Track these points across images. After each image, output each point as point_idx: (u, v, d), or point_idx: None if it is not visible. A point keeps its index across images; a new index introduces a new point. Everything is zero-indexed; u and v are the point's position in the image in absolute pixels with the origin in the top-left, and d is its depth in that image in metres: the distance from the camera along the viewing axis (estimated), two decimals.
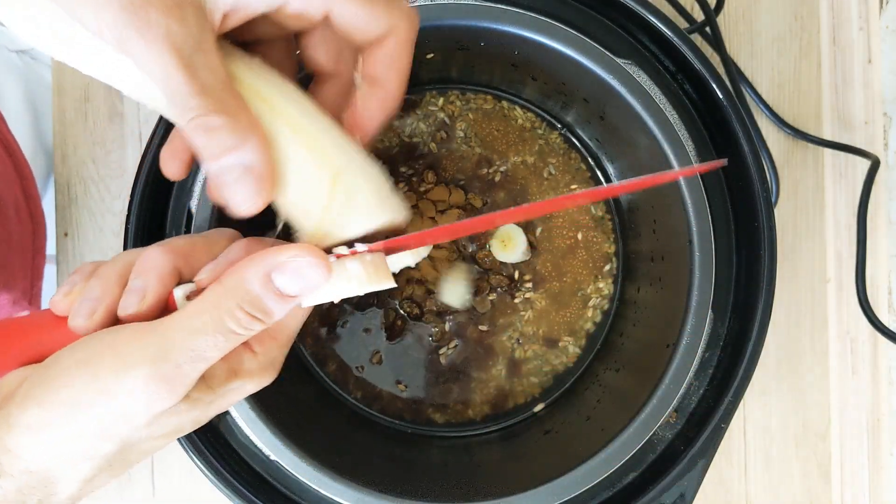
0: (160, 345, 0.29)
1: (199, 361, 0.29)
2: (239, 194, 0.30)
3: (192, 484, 0.59)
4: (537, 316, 0.58)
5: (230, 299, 0.29)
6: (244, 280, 0.29)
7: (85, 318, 0.31)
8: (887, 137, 0.62)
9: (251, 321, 0.30)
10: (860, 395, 0.60)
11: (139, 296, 0.31)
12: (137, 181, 0.44)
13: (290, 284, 0.30)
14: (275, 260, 0.30)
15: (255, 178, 0.30)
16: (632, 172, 0.54)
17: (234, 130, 0.29)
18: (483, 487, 0.47)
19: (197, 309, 0.29)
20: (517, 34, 0.46)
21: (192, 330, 0.29)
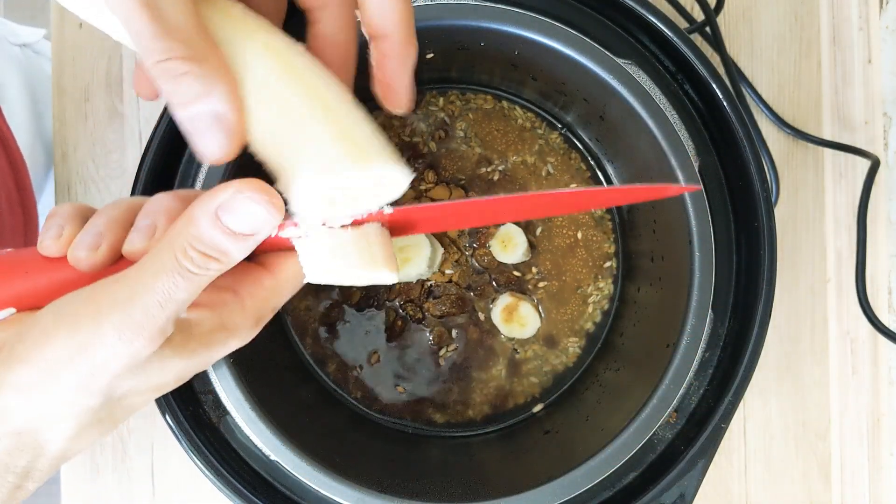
0: (126, 290, 0.28)
1: (167, 304, 0.28)
2: (208, 143, 0.29)
3: (192, 484, 0.59)
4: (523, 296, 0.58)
5: (181, 238, 0.29)
6: (193, 218, 0.29)
7: (88, 249, 0.31)
8: (887, 137, 0.62)
9: (206, 260, 0.29)
10: (860, 395, 0.60)
11: (149, 233, 0.31)
12: (137, 181, 0.44)
13: (239, 222, 0.29)
14: (218, 198, 0.29)
15: (224, 126, 0.29)
16: (631, 172, 0.54)
17: (202, 77, 0.28)
18: (483, 487, 0.47)
19: (155, 251, 0.29)
20: (517, 34, 0.46)
21: (153, 271, 0.28)
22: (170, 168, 0.46)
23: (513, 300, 0.57)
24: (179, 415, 0.44)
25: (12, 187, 0.58)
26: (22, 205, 0.60)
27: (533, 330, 0.57)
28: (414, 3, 0.45)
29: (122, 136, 0.60)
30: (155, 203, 0.32)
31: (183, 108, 0.29)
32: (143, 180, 0.44)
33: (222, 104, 0.29)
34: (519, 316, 0.57)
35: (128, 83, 0.60)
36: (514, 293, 0.57)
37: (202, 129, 0.29)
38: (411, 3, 0.32)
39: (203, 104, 0.28)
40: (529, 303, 0.57)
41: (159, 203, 0.32)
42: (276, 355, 0.56)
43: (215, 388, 0.45)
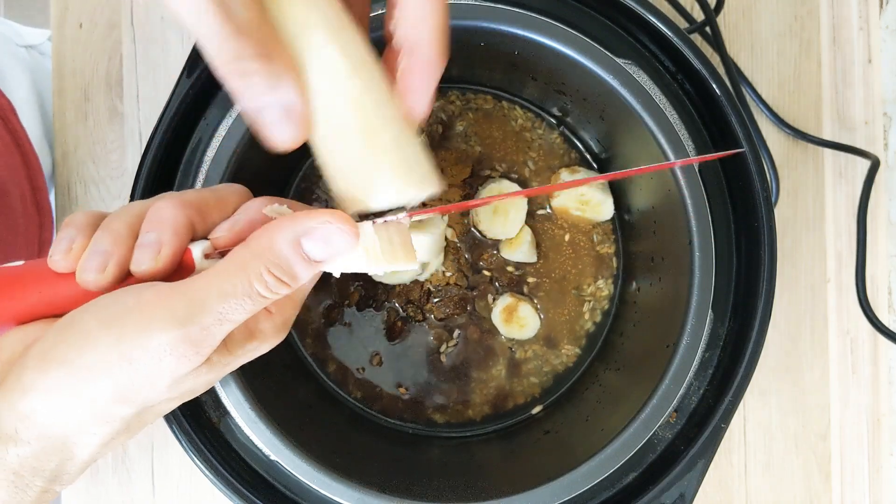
0: (188, 306, 0.28)
1: (225, 323, 0.29)
2: (278, 133, 0.30)
3: (192, 484, 0.59)
4: (523, 298, 0.58)
5: (259, 262, 0.29)
6: (274, 243, 0.29)
7: (95, 272, 0.30)
8: (887, 137, 0.62)
9: (278, 285, 0.30)
10: (860, 395, 0.60)
11: (154, 250, 0.31)
12: (137, 181, 0.44)
13: (319, 250, 0.30)
14: (305, 224, 0.29)
15: (292, 116, 0.29)
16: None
17: (271, 74, 0.28)
18: (483, 487, 0.47)
19: (225, 270, 0.29)
20: (517, 34, 0.46)
21: (222, 292, 0.29)
22: (170, 168, 0.46)
23: (513, 301, 0.57)
24: (179, 415, 0.44)
25: (27, 187, 0.58)
26: (37, 205, 0.60)
27: (532, 331, 0.57)
28: None
29: (122, 136, 0.60)
30: (158, 213, 0.31)
31: (252, 102, 0.29)
32: (143, 180, 0.44)
33: (290, 95, 0.29)
34: (518, 317, 0.57)
35: (128, 83, 0.60)
36: (514, 294, 0.57)
37: (271, 120, 0.30)
38: (448, 14, 0.32)
39: (272, 97, 0.29)
40: (529, 304, 0.57)
41: (162, 213, 0.31)
42: (276, 355, 0.55)
43: (215, 388, 0.45)
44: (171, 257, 0.31)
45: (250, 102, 0.29)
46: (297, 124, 0.30)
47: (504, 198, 0.55)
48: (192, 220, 0.31)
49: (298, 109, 0.30)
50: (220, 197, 0.33)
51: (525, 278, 0.58)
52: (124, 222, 0.32)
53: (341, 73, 0.30)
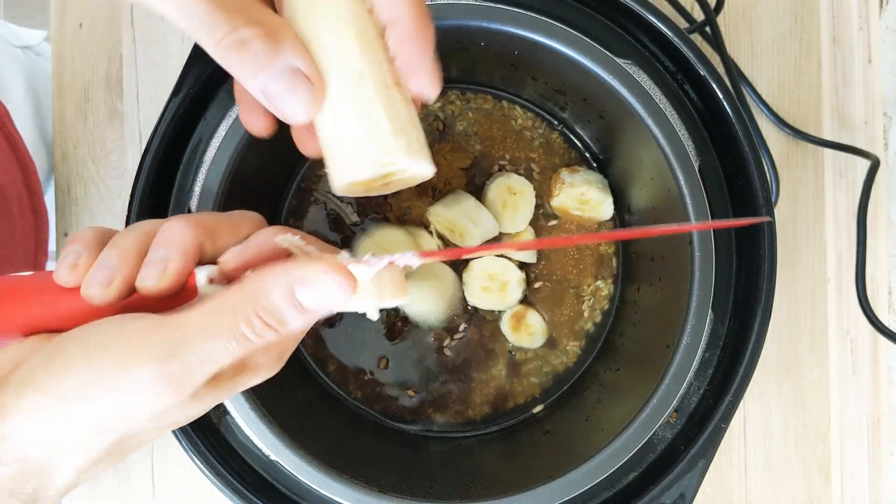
0: (172, 342, 0.28)
1: (208, 364, 0.28)
2: (294, 100, 0.29)
3: (192, 484, 0.59)
4: (530, 306, 0.58)
5: (249, 305, 0.28)
6: (266, 288, 0.29)
7: (101, 286, 0.30)
8: (887, 137, 0.62)
9: (266, 330, 0.29)
10: (860, 395, 0.60)
11: (160, 268, 0.30)
12: (137, 181, 0.44)
13: (312, 299, 0.29)
14: (301, 274, 0.29)
15: (302, 80, 0.29)
16: (631, 172, 0.54)
17: (268, 36, 0.28)
18: (483, 487, 0.47)
19: (214, 310, 0.29)
20: (517, 34, 0.46)
21: (207, 331, 0.28)
22: (170, 168, 0.46)
23: (520, 308, 0.57)
24: None
25: (23, 191, 0.58)
26: (33, 208, 0.60)
27: (541, 339, 0.57)
28: None
29: (122, 136, 0.60)
30: (168, 232, 0.31)
31: (257, 76, 0.28)
32: (143, 180, 0.44)
33: (295, 58, 0.28)
34: (527, 324, 0.57)
35: (128, 83, 0.60)
36: (521, 301, 0.57)
37: (282, 91, 0.29)
38: None
39: (276, 63, 0.28)
40: (537, 311, 0.57)
41: (172, 233, 0.31)
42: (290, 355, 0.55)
43: None
44: (176, 277, 0.30)
45: (255, 78, 0.28)
46: (309, 88, 0.29)
47: (493, 249, 0.55)
48: (201, 241, 0.31)
49: (306, 70, 0.29)
50: (234, 222, 0.33)
51: (526, 278, 0.58)
52: (133, 239, 0.31)
53: (350, 46, 0.30)
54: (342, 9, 0.30)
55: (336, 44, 0.30)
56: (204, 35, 0.28)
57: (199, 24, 0.27)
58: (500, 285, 0.56)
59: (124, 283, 0.30)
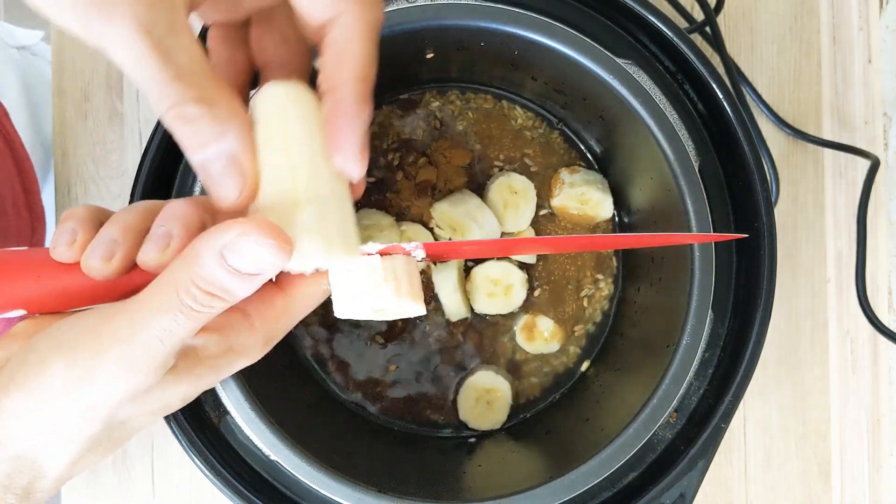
0: (128, 326, 0.28)
1: (167, 340, 0.28)
2: (223, 186, 0.29)
3: (192, 484, 0.59)
4: (539, 307, 0.58)
5: (186, 275, 0.28)
6: (198, 256, 0.28)
7: (102, 259, 0.30)
8: (887, 137, 0.62)
9: (209, 298, 0.28)
10: (860, 395, 0.60)
11: (163, 243, 0.30)
12: (137, 181, 0.44)
13: (244, 263, 0.28)
14: (223, 237, 0.28)
15: (238, 168, 0.29)
16: (631, 172, 0.54)
17: (215, 119, 0.28)
18: (483, 487, 0.47)
19: (157, 285, 0.28)
20: (517, 34, 0.46)
21: (154, 308, 0.28)
22: (170, 168, 0.46)
23: (529, 317, 0.57)
24: (179, 415, 0.44)
25: (19, 190, 0.58)
26: (29, 207, 0.60)
27: (558, 343, 0.57)
28: (414, 4, 0.45)
29: (122, 136, 0.60)
30: (171, 209, 0.31)
31: (198, 152, 0.29)
32: (144, 180, 0.44)
33: (236, 145, 0.28)
34: (540, 332, 0.57)
35: (128, 83, 0.60)
36: (527, 312, 0.57)
37: (218, 172, 0.29)
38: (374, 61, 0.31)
39: (217, 146, 0.28)
40: (544, 316, 0.57)
41: (176, 209, 0.31)
42: (276, 355, 0.55)
43: (215, 388, 0.45)
44: (179, 251, 0.30)
45: (196, 153, 0.29)
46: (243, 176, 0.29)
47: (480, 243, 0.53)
48: (204, 220, 0.31)
49: (243, 159, 0.29)
50: None
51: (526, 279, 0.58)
52: (136, 216, 0.31)
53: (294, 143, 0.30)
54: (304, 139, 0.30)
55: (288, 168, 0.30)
56: (154, 99, 0.28)
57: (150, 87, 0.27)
58: (504, 289, 0.56)
59: (126, 257, 0.30)
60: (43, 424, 0.29)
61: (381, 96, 0.58)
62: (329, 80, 0.30)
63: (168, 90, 0.27)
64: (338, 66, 0.30)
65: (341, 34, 0.30)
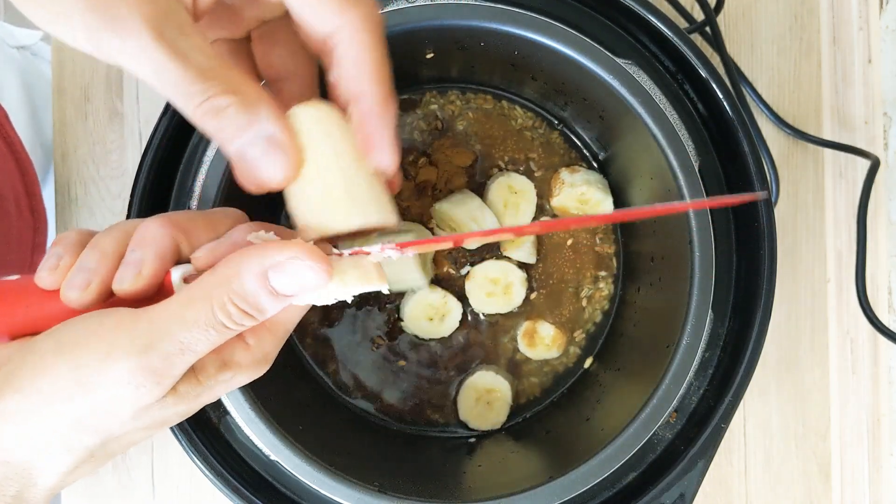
0: (148, 334, 0.28)
1: (187, 354, 0.28)
2: (269, 167, 0.29)
3: (192, 484, 0.59)
4: (538, 316, 0.58)
5: (223, 292, 0.28)
6: (239, 274, 0.28)
7: (79, 289, 0.30)
8: (887, 137, 0.62)
9: (242, 317, 0.29)
10: (860, 395, 0.60)
11: (135, 270, 0.30)
12: (137, 181, 0.44)
13: (287, 285, 0.29)
14: (273, 258, 0.28)
15: (278, 145, 0.29)
16: (632, 172, 0.54)
17: (244, 105, 0.28)
18: (483, 487, 0.47)
19: (189, 298, 0.28)
20: (517, 34, 0.46)
21: (183, 321, 0.28)
22: (170, 168, 0.46)
23: (529, 324, 0.57)
24: None
25: (21, 192, 0.58)
26: (31, 209, 0.60)
27: (560, 348, 0.57)
28: (414, 4, 0.45)
29: (122, 136, 0.60)
30: (142, 232, 0.31)
31: (233, 142, 0.29)
32: (143, 180, 0.44)
33: (271, 125, 0.29)
34: (541, 338, 0.57)
35: (128, 83, 0.60)
36: (527, 316, 0.57)
37: (258, 156, 0.29)
38: (386, 61, 0.31)
39: (252, 130, 0.29)
40: (544, 321, 0.57)
41: (146, 233, 0.31)
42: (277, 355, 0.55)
43: None
44: (151, 278, 0.30)
45: (232, 142, 0.29)
46: (286, 152, 0.29)
47: (481, 235, 0.52)
48: (176, 240, 0.31)
49: (282, 137, 0.29)
50: (211, 220, 0.33)
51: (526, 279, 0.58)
52: (113, 240, 0.31)
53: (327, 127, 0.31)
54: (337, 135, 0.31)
55: (322, 135, 0.31)
56: (181, 101, 0.28)
57: (175, 90, 0.27)
58: (503, 288, 0.56)
59: (102, 284, 0.30)
60: (37, 431, 0.28)
61: None
62: (350, 91, 0.31)
63: (193, 89, 0.27)
64: (356, 77, 0.31)
65: (351, 47, 0.30)
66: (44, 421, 0.28)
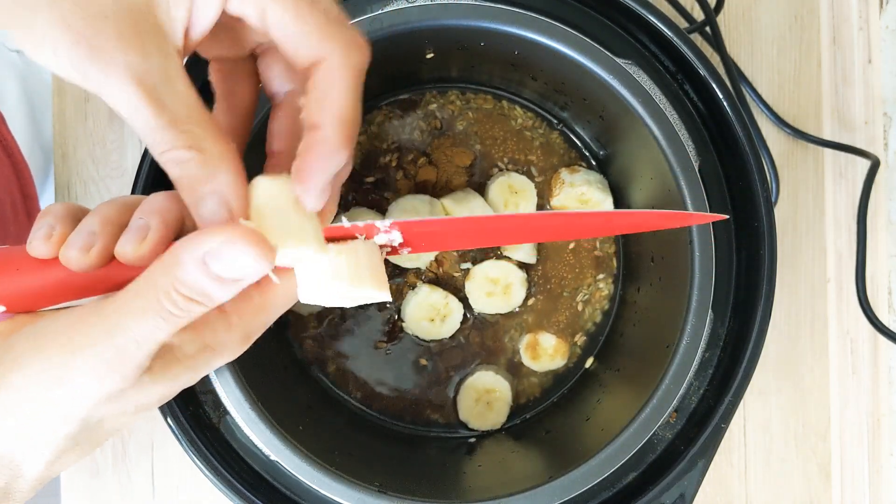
0: (103, 327, 0.28)
1: (144, 343, 0.28)
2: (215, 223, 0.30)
3: (192, 484, 0.59)
4: (538, 316, 0.58)
5: (167, 280, 0.28)
6: (180, 262, 0.28)
7: (80, 251, 0.30)
8: (887, 137, 0.62)
9: (189, 304, 0.28)
10: (860, 395, 0.60)
11: (140, 234, 0.30)
12: (137, 181, 0.44)
13: (227, 269, 0.28)
14: (207, 244, 0.28)
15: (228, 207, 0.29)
16: (631, 172, 0.54)
17: (204, 162, 0.29)
18: (483, 487, 0.47)
19: (136, 289, 0.28)
20: (517, 34, 0.46)
21: (131, 312, 0.28)
22: None
23: (531, 336, 0.57)
24: (179, 415, 0.44)
25: (17, 195, 0.58)
26: (28, 212, 0.59)
27: (563, 358, 0.57)
28: (414, 4, 0.45)
29: (122, 136, 0.60)
30: (150, 202, 0.31)
31: (190, 193, 0.29)
32: (143, 180, 0.44)
33: (226, 187, 0.29)
34: (543, 348, 0.57)
35: None
36: (528, 329, 0.58)
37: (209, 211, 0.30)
38: (358, 105, 0.31)
39: (208, 187, 0.29)
40: (545, 332, 0.57)
41: (154, 203, 0.31)
42: (276, 355, 0.56)
43: (215, 388, 0.45)
44: (156, 244, 0.30)
45: (189, 193, 0.29)
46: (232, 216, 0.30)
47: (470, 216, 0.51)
48: (183, 214, 0.31)
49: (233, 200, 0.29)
50: None
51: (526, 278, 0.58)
52: (116, 209, 0.31)
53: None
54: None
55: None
56: (150, 144, 0.29)
57: (147, 134, 0.28)
58: (503, 288, 0.56)
59: (104, 249, 0.30)
60: (20, 424, 0.29)
61: (381, 96, 0.58)
62: (309, 118, 0.31)
63: (161, 136, 0.28)
64: (319, 109, 0.30)
65: (325, 78, 0.30)
66: (25, 415, 0.28)
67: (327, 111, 0.30)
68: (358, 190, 0.57)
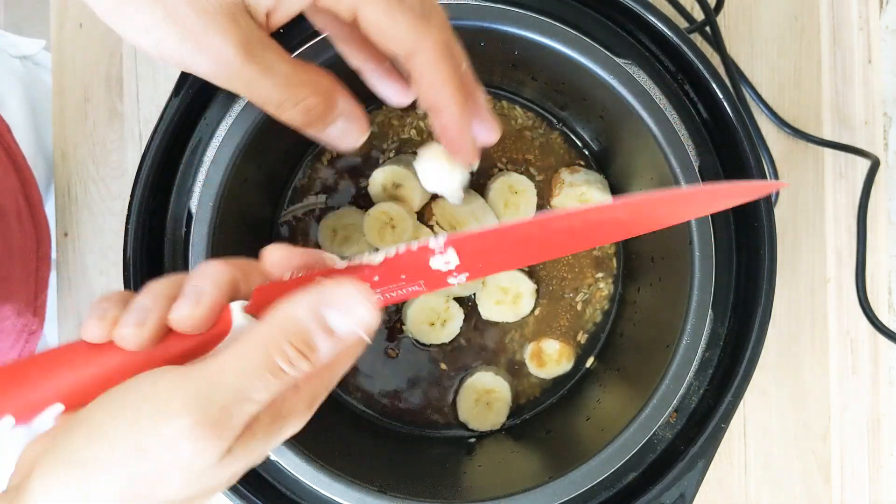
0: (206, 386, 0.26)
1: (247, 403, 0.27)
2: (347, 140, 0.37)
3: None
4: (538, 316, 0.58)
5: (280, 334, 0.28)
6: (294, 312, 0.28)
7: (134, 326, 0.29)
8: (887, 137, 0.62)
9: (299, 358, 0.28)
10: (860, 395, 0.60)
11: (194, 299, 0.29)
12: (137, 181, 0.44)
13: (340, 321, 0.29)
14: (329, 295, 0.29)
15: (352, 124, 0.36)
16: (632, 172, 0.54)
17: (325, 102, 0.34)
18: (483, 487, 0.47)
19: (244, 346, 0.28)
20: (517, 34, 0.46)
21: (239, 369, 0.27)
22: (170, 168, 0.46)
23: (534, 346, 0.57)
24: None
25: (23, 203, 0.58)
26: (33, 220, 0.59)
27: (570, 362, 0.57)
28: None
29: (122, 136, 0.60)
30: (200, 270, 0.31)
31: (321, 130, 0.36)
32: (143, 180, 0.44)
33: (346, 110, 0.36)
34: (548, 356, 0.57)
35: (128, 84, 0.60)
36: (532, 337, 0.58)
37: (338, 135, 0.37)
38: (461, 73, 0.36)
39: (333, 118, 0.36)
40: (548, 338, 0.57)
41: (206, 269, 0.31)
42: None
43: None
44: (211, 308, 0.29)
45: (320, 130, 0.36)
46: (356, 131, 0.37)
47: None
48: (235, 277, 0.31)
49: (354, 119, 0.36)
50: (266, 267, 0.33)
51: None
52: (166, 283, 0.31)
53: None
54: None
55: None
56: (274, 107, 0.34)
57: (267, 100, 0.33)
58: (512, 298, 0.56)
59: (158, 321, 0.29)
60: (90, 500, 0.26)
61: None
62: (429, 105, 0.36)
63: (283, 96, 0.33)
64: (433, 98, 0.36)
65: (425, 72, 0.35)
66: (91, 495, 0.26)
67: (440, 96, 0.36)
68: (358, 189, 0.57)
